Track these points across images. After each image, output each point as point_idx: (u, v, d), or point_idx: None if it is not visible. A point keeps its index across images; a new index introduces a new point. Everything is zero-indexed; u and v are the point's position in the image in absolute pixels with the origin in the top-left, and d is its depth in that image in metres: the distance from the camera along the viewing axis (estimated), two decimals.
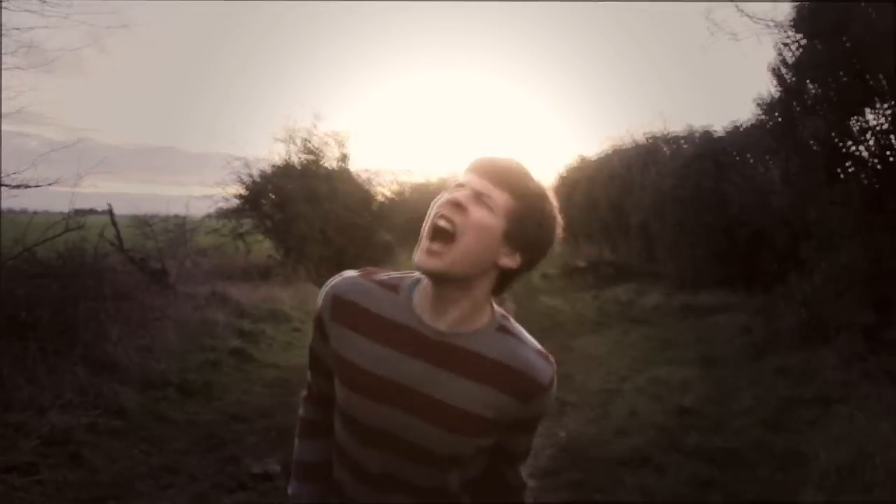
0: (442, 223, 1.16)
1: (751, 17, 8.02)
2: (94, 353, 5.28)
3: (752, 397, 5.38)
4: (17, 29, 5.77)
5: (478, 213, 1.16)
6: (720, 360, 6.69)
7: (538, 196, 1.21)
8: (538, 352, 1.28)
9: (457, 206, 1.16)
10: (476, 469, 1.35)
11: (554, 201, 1.24)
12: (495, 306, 1.29)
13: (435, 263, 1.16)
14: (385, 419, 1.24)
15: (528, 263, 1.24)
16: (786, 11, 7.55)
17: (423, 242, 1.18)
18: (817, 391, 5.21)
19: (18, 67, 5.84)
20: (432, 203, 1.21)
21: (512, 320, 1.31)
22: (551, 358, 1.30)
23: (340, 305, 1.28)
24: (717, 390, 5.69)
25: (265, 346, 7.29)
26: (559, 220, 1.25)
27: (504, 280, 1.25)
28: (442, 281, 1.19)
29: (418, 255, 1.18)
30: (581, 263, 15.77)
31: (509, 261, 1.20)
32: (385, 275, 1.32)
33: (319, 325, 1.32)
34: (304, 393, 1.50)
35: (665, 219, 11.14)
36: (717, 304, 9.01)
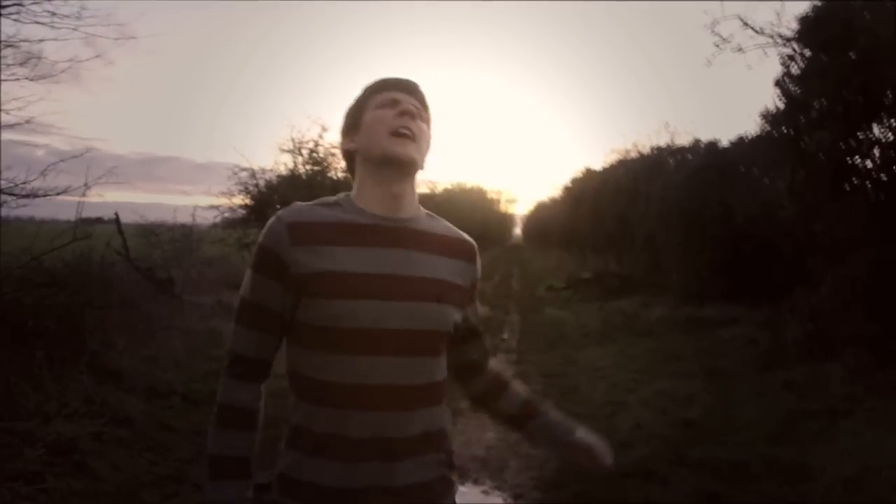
0: (407, 131, 1.35)
1: (756, 30, 8.04)
2: (100, 361, 5.31)
3: (758, 410, 5.36)
4: (27, 41, 5.83)
5: (421, 124, 1.40)
6: (725, 373, 6.67)
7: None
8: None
9: (412, 116, 1.37)
10: (443, 362, 1.42)
11: None
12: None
13: (411, 153, 1.36)
14: (377, 314, 1.28)
15: None
16: (791, 24, 7.54)
17: (391, 136, 1.35)
18: (823, 405, 5.19)
19: (28, 78, 5.88)
20: (373, 102, 1.40)
21: None
22: None
23: (298, 228, 1.30)
24: (722, 403, 5.67)
25: None
26: None
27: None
28: (408, 172, 1.38)
29: (391, 146, 1.35)
30: (586, 275, 15.77)
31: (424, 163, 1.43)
32: (314, 201, 1.42)
33: (272, 262, 1.28)
34: (231, 371, 1.33)
35: (670, 231, 11.14)
36: (722, 317, 8.99)
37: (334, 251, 1.29)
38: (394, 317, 1.29)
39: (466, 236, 1.49)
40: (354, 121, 1.42)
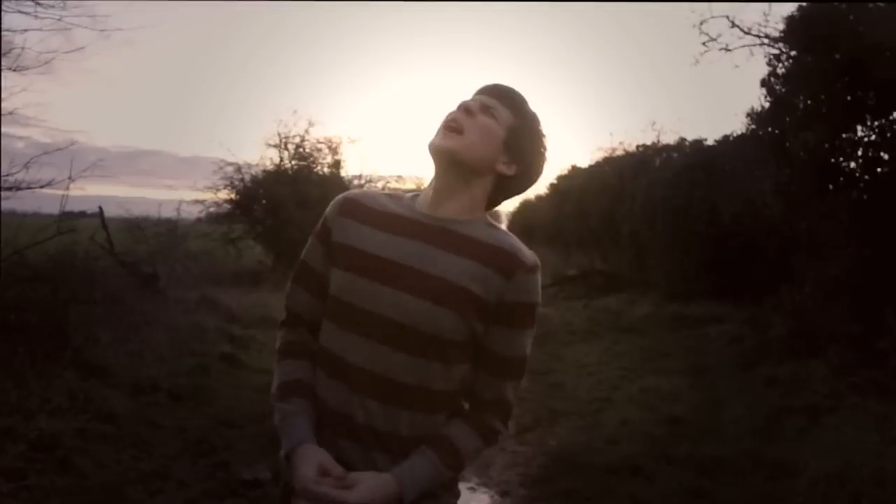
0: (453, 123, 1.34)
1: (743, 30, 8.09)
2: (83, 357, 5.25)
3: (742, 407, 5.40)
4: (10, 31, 5.76)
5: (483, 119, 1.35)
6: (710, 370, 6.72)
7: (534, 119, 1.41)
8: (522, 244, 1.39)
9: (466, 110, 1.35)
10: (459, 372, 1.36)
11: (544, 131, 1.43)
12: (488, 216, 1.43)
13: (447, 143, 1.32)
14: (379, 298, 1.31)
15: (521, 178, 1.41)
16: (778, 24, 7.59)
17: (437, 133, 1.35)
18: (806, 401, 5.24)
19: (10, 69, 5.80)
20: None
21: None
22: (535, 255, 1.39)
23: (350, 203, 1.42)
24: (707, 400, 5.71)
25: (255, 351, 7.26)
26: (547, 147, 1.43)
27: (499, 190, 1.41)
28: (449, 165, 1.35)
29: (433, 139, 1.34)
30: (572, 272, 15.78)
31: (506, 168, 1.38)
32: (389, 191, 1.50)
33: (323, 227, 1.43)
34: (283, 320, 1.54)
35: (656, 228, 11.18)
36: (707, 314, 9.04)
37: (363, 229, 1.37)
38: (385, 303, 1.30)
39: (517, 251, 1.34)
40: None
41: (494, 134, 1.35)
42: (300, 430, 1.32)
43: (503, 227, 1.42)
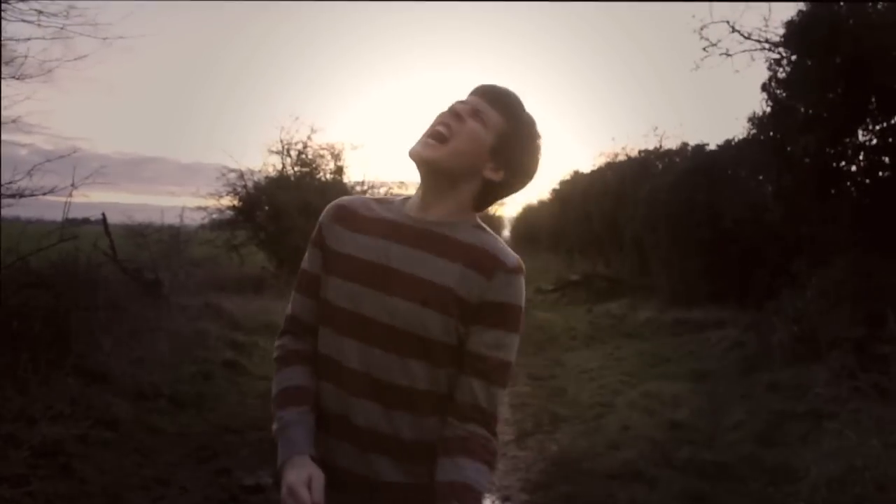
0: (440, 128, 1.33)
1: (743, 35, 8.10)
2: (86, 363, 5.26)
3: (744, 412, 5.39)
4: (13, 39, 5.79)
5: (471, 124, 1.33)
6: (712, 375, 6.71)
7: (528, 124, 1.38)
8: (508, 246, 1.39)
9: (455, 115, 1.34)
10: (447, 374, 1.34)
11: (541, 134, 1.40)
12: (477, 217, 1.43)
13: (428, 153, 1.33)
14: (370, 301, 1.33)
15: (509, 183, 1.40)
16: (778, 29, 7.61)
17: (421, 138, 1.35)
18: (808, 406, 5.22)
19: (14, 77, 5.84)
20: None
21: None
22: (519, 258, 1.38)
23: (342, 210, 1.44)
24: (708, 405, 5.70)
25: (258, 358, 7.27)
26: (542, 151, 1.41)
27: (486, 194, 1.40)
28: (431, 173, 1.36)
29: (414, 146, 1.34)
30: (574, 277, 15.79)
31: (492, 174, 1.36)
32: (383, 197, 1.51)
33: (318, 234, 1.45)
34: (282, 329, 1.53)
35: (658, 233, 11.18)
36: (709, 319, 9.04)
37: (353, 236, 1.40)
38: (375, 307, 1.33)
39: (499, 252, 1.35)
40: None
41: (481, 140, 1.33)
42: (295, 442, 1.34)
43: (490, 230, 1.42)
